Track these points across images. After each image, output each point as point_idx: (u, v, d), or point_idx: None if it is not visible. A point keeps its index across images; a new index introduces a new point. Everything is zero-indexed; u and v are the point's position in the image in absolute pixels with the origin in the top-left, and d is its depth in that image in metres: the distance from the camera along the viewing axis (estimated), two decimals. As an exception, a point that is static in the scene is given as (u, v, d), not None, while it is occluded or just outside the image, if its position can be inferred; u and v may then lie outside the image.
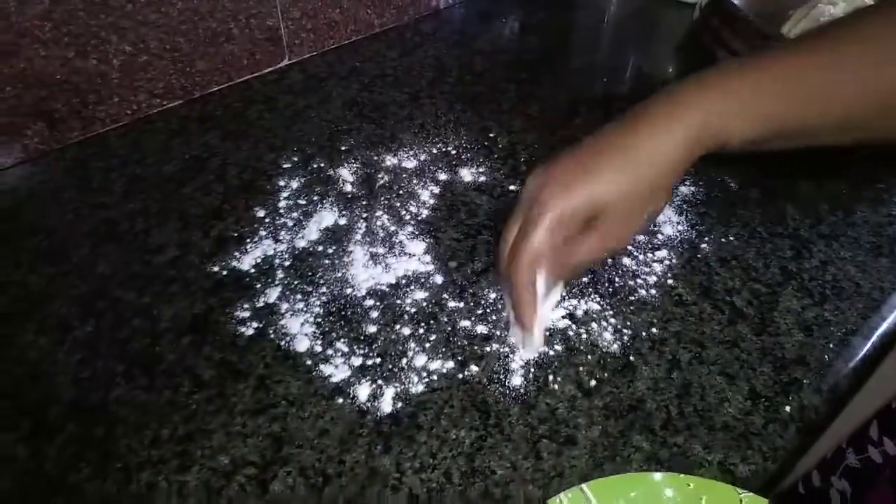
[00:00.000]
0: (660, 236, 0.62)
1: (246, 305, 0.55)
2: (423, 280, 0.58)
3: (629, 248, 0.61)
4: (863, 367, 0.53)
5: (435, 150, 0.72)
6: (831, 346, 0.54)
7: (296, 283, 0.57)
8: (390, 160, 0.70)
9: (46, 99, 0.66)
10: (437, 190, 0.67)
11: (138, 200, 0.64)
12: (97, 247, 0.60)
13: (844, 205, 0.67)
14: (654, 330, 0.54)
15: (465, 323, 0.54)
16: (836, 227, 0.64)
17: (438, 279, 0.58)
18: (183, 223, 0.62)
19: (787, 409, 0.49)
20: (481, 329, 0.54)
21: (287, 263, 0.58)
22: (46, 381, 0.49)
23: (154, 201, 0.64)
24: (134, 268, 0.58)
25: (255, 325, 0.53)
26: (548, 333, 0.53)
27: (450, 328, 0.54)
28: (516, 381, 0.50)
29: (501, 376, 0.51)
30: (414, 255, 0.60)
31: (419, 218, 0.63)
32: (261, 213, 0.63)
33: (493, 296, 0.56)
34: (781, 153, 0.44)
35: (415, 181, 0.68)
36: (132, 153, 0.70)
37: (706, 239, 0.62)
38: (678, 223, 0.64)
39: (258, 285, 0.56)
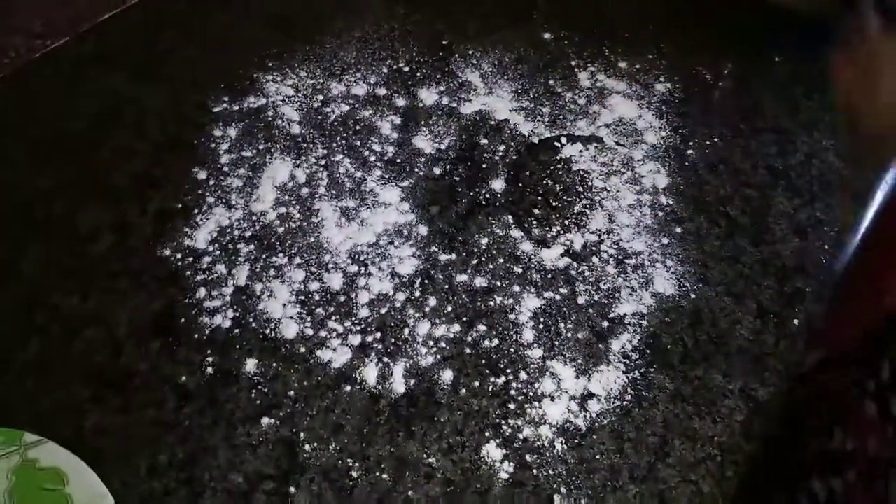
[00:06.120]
0: (644, 146, 0.59)
1: (213, 293, 0.48)
2: (406, 233, 0.52)
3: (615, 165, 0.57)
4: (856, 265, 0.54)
5: (385, 70, 0.63)
6: (826, 247, 0.54)
7: (264, 256, 0.50)
8: (336, 87, 0.61)
9: None
10: (397, 120, 0.59)
11: (48, 174, 0.54)
12: (14, 241, 0.50)
13: (819, 87, 0.64)
14: (656, 255, 0.52)
15: (462, 277, 0.50)
16: (815, 114, 0.62)
17: (423, 230, 0.52)
18: (111, 198, 0.53)
19: (795, 322, 0.49)
20: (480, 282, 0.50)
21: (248, 234, 0.51)
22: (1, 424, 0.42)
23: (67, 173, 0.54)
24: (65, 263, 0.49)
25: (230, 314, 0.47)
26: None
27: (447, 286, 0.50)
28: (528, 335, 0.47)
29: (512, 332, 0.48)
30: (390, 205, 0.53)
31: (385, 157, 0.56)
32: (202, 175, 0.54)
33: (484, 241, 0.52)
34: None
35: (370, 111, 0.60)
36: (23, 112, 0.58)
37: (691, 143, 0.59)
38: (660, 128, 0.60)
39: (221, 266, 0.49)
